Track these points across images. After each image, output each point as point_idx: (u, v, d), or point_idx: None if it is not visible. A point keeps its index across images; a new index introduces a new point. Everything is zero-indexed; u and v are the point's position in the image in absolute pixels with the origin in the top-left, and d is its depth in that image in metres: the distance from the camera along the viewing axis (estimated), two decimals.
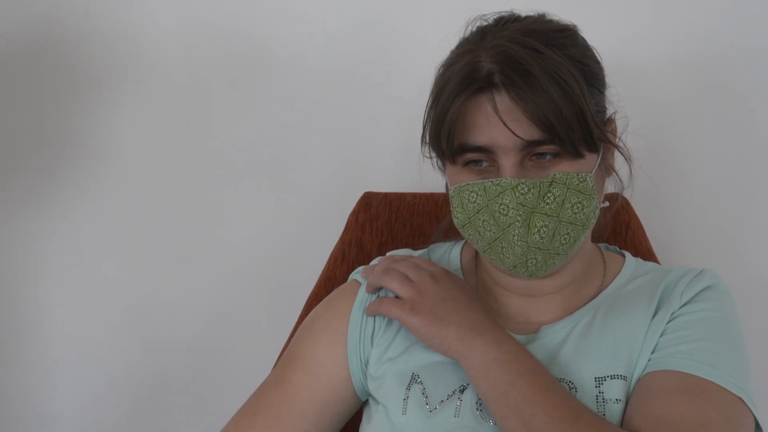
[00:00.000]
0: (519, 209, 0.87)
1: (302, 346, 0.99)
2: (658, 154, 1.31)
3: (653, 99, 1.31)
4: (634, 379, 0.88)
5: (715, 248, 1.33)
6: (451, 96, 0.86)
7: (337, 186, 1.38)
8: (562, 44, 0.87)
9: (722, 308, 0.91)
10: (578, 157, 0.87)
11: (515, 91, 0.83)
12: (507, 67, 0.84)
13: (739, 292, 0.94)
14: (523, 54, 0.84)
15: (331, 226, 1.31)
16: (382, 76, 1.35)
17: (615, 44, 1.08)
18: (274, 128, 1.39)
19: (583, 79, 0.86)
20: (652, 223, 1.21)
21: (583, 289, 0.97)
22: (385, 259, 0.99)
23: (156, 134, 1.42)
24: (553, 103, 0.83)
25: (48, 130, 1.38)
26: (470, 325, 0.88)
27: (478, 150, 0.88)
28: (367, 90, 1.36)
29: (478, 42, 0.89)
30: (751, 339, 0.92)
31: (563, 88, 0.84)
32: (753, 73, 1.30)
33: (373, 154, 1.37)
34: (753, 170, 1.33)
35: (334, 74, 1.36)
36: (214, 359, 1.29)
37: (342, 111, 1.37)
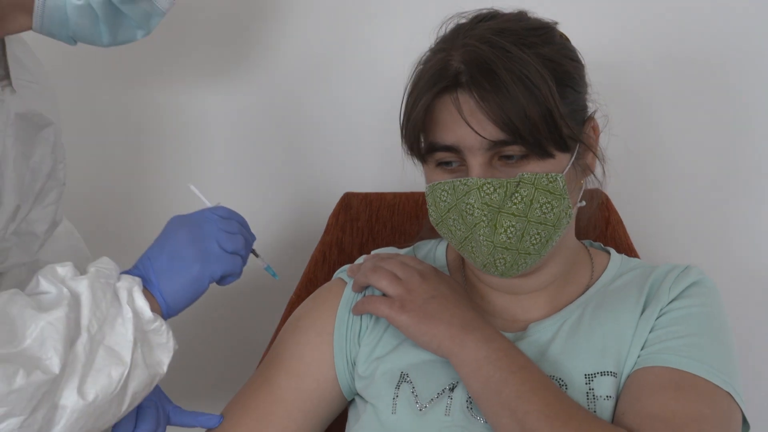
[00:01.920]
0: (484, 209, 0.86)
1: (287, 346, 0.98)
2: (639, 150, 1.31)
3: (635, 96, 1.32)
4: (624, 375, 0.87)
5: (695, 243, 1.34)
6: (421, 94, 0.87)
7: (317, 187, 1.37)
8: (534, 43, 0.86)
9: (709, 304, 0.91)
10: (547, 157, 0.86)
11: (480, 91, 0.83)
12: (473, 68, 0.84)
13: (719, 285, 0.95)
14: (490, 54, 0.84)
15: (312, 228, 1.30)
16: (362, 74, 1.35)
17: (596, 42, 1.09)
18: (251, 128, 1.38)
19: (554, 78, 0.85)
20: (633, 219, 1.21)
21: (568, 286, 0.96)
22: (372, 258, 0.98)
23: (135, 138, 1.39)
24: (518, 104, 0.82)
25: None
26: (460, 323, 0.87)
27: (447, 149, 0.87)
28: (347, 89, 1.36)
29: (450, 41, 0.89)
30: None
31: (529, 88, 0.83)
32: (735, 70, 1.31)
33: (353, 155, 1.37)
34: (732, 166, 1.34)
35: (312, 73, 1.36)
36: (194, 361, 1.27)
37: (321, 111, 1.37)
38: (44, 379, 0.72)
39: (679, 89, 1.33)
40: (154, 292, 0.85)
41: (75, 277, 0.80)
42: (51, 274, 0.80)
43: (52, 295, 0.79)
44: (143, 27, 0.92)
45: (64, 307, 0.76)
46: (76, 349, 0.76)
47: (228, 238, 0.89)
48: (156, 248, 0.87)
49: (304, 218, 1.37)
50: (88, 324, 0.77)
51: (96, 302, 0.78)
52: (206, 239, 0.88)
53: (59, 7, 0.86)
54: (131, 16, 0.89)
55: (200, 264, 0.86)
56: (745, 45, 1.30)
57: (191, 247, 0.86)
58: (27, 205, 1.01)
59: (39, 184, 1.01)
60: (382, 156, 1.32)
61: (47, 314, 0.75)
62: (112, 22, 0.89)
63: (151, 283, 0.85)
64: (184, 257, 0.86)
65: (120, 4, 0.87)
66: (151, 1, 0.89)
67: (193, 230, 0.88)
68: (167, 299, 0.85)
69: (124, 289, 0.81)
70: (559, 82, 0.86)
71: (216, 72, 1.36)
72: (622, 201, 1.18)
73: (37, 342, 0.74)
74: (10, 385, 0.70)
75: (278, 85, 1.35)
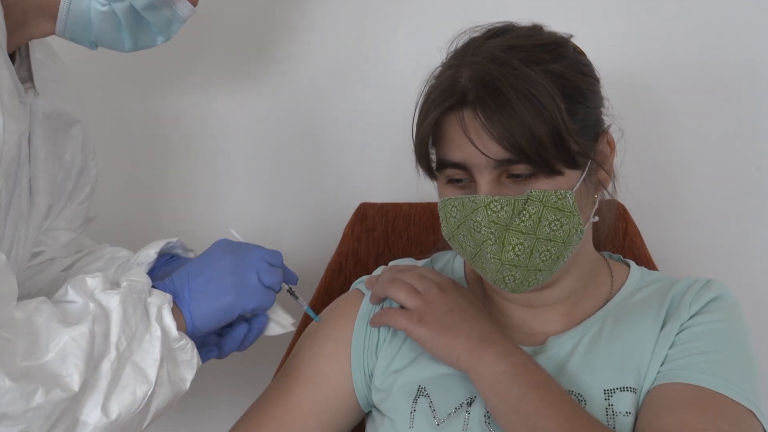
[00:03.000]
0: (491, 227, 0.85)
1: (305, 356, 0.98)
2: (657, 162, 1.31)
3: (653, 108, 1.32)
4: (643, 391, 0.86)
5: (713, 255, 1.34)
6: (429, 111, 0.87)
7: (333, 197, 1.37)
8: (543, 59, 0.85)
9: (731, 319, 0.89)
10: (555, 174, 0.84)
11: (485, 110, 0.83)
12: (480, 86, 0.84)
13: (738, 297, 0.94)
14: (497, 72, 0.83)
15: (328, 238, 1.30)
16: (378, 86, 1.35)
17: (613, 55, 1.11)
18: (268, 138, 1.38)
19: (563, 95, 0.84)
20: (650, 230, 1.21)
21: (587, 298, 0.95)
22: (390, 269, 0.98)
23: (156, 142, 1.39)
24: (523, 123, 0.82)
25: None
26: (479, 336, 0.86)
27: (455, 166, 0.87)
28: (363, 100, 1.36)
29: (461, 56, 0.89)
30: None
31: (536, 106, 0.82)
32: (753, 83, 1.32)
33: (369, 165, 1.37)
34: (751, 177, 1.34)
35: (329, 84, 1.36)
36: (212, 369, 1.26)
37: (337, 121, 1.37)
38: (63, 396, 0.72)
39: (697, 101, 1.32)
40: (184, 309, 0.85)
41: (106, 291, 0.79)
42: (80, 285, 0.79)
43: (77, 306, 0.78)
44: (164, 33, 0.92)
45: (88, 322, 0.75)
46: (103, 366, 0.76)
47: (269, 270, 0.88)
48: (197, 267, 0.86)
49: (320, 228, 1.38)
50: (117, 341, 0.77)
51: (126, 319, 0.78)
52: (248, 269, 0.87)
53: (83, 12, 0.86)
54: (153, 22, 0.89)
55: (236, 295, 0.86)
56: (765, 56, 1.30)
57: (231, 275, 0.86)
58: (60, 203, 1.01)
59: (71, 183, 1.02)
60: (398, 166, 1.26)
61: (71, 329, 0.74)
62: (134, 28, 0.89)
63: (184, 300, 0.85)
64: (223, 284, 0.86)
65: (142, 10, 0.87)
66: (172, 8, 0.89)
67: (238, 258, 0.87)
68: (195, 320, 0.85)
69: (155, 306, 0.81)
70: (569, 98, 0.84)
71: (234, 81, 1.36)
72: (640, 212, 1.17)
73: (59, 357, 0.73)
74: (28, 403, 0.69)
75: (296, 96, 1.36)
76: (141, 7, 0.86)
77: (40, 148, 0.93)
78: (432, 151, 0.90)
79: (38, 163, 0.93)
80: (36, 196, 0.94)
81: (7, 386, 0.68)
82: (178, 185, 1.39)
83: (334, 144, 1.36)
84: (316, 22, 1.33)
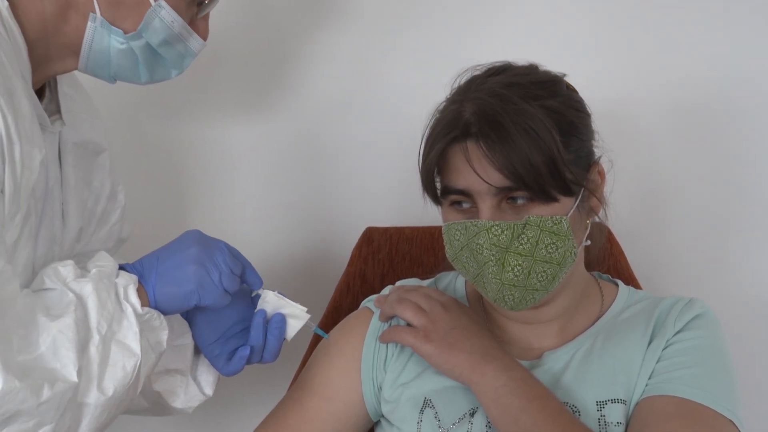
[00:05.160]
0: (492, 249, 0.85)
1: (318, 371, 0.97)
2: (641, 190, 1.31)
3: (639, 140, 1.33)
4: (632, 402, 0.87)
5: (691, 273, 1.35)
6: (435, 142, 0.88)
7: (341, 222, 1.37)
8: (540, 96, 0.86)
9: (712, 336, 0.90)
10: (551, 201, 0.85)
11: (487, 142, 0.84)
12: (482, 119, 0.84)
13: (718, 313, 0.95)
14: (498, 107, 0.84)
15: (336, 260, 1.30)
16: (383, 119, 1.35)
17: (603, 91, 1.08)
18: (280, 167, 1.38)
19: (558, 128, 0.85)
20: (633, 251, 1.21)
21: (579, 316, 0.95)
22: (397, 289, 0.98)
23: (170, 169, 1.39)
24: (522, 153, 0.82)
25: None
26: (480, 352, 0.87)
27: (459, 192, 0.88)
28: (368, 132, 1.36)
29: (464, 92, 0.90)
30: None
31: (533, 139, 0.83)
32: (730, 116, 1.33)
33: (374, 192, 1.36)
34: (727, 205, 1.34)
35: (337, 116, 1.36)
36: (229, 382, 1.25)
37: (344, 152, 1.37)
38: (66, 387, 0.74)
39: (679, 133, 1.33)
40: (148, 290, 0.84)
41: (78, 279, 0.80)
42: (54, 274, 0.80)
43: (56, 294, 0.78)
44: (177, 67, 0.93)
45: (71, 313, 0.76)
46: (90, 351, 0.76)
47: (229, 277, 0.87)
48: (166, 253, 0.86)
49: (330, 251, 1.37)
50: (97, 325, 0.77)
51: (102, 303, 0.78)
52: (210, 267, 0.86)
53: (103, 50, 0.87)
54: (167, 57, 0.91)
55: (195, 286, 0.85)
56: (741, 93, 1.32)
57: (194, 266, 0.85)
58: (91, 226, 1.02)
59: (101, 207, 1.03)
60: (400, 193, 1.32)
61: (56, 322, 0.75)
62: (150, 63, 0.91)
63: (150, 282, 0.84)
64: (185, 273, 0.84)
65: (157, 47, 0.89)
66: (184, 44, 0.90)
67: (205, 252, 0.86)
68: (158, 301, 0.84)
69: (122, 286, 0.81)
70: (564, 131, 0.85)
71: (246, 111, 1.36)
72: (624, 234, 1.17)
73: (50, 351, 0.74)
74: (38, 398, 0.70)
75: (305, 126, 1.36)
76: (156, 44, 0.88)
77: (71, 174, 0.95)
78: (437, 178, 0.91)
79: (69, 189, 0.94)
80: (68, 220, 0.94)
81: (18, 386, 0.69)
82: (196, 207, 1.38)
83: (341, 172, 1.36)
84: (323, 55, 1.34)
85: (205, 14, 0.93)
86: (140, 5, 0.86)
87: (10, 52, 0.79)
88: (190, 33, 0.90)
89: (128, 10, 0.86)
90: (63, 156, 0.93)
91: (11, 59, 0.78)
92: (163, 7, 0.86)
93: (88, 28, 0.85)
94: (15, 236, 0.81)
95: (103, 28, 0.86)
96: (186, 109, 1.35)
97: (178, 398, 0.93)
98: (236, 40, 1.33)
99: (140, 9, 0.86)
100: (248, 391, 1.35)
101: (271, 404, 0.98)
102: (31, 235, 0.85)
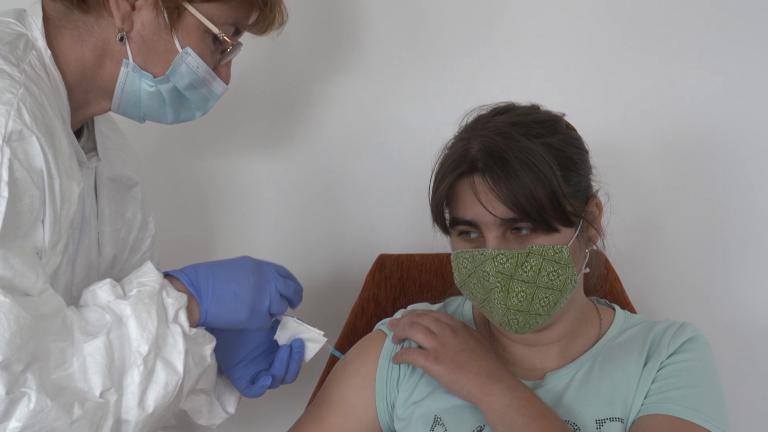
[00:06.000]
0: (498, 276, 0.86)
1: (335, 389, 0.98)
2: (635, 220, 1.32)
3: (633, 174, 1.33)
4: (629, 421, 0.88)
5: (681, 299, 1.35)
6: (445, 176, 0.89)
7: (356, 249, 1.37)
8: (541, 134, 0.88)
9: (703, 358, 0.91)
10: (552, 231, 0.86)
11: (493, 176, 0.85)
12: (488, 156, 0.86)
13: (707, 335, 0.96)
14: (503, 144, 0.86)
15: (351, 285, 1.30)
16: (395, 155, 1.35)
17: (600, 129, 1.09)
18: (299, 198, 1.38)
19: (559, 164, 0.86)
20: (628, 277, 1.22)
21: (579, 339, 0.96)
22: (409, 313, 0.99)
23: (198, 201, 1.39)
24: (525, 187, 0.84)
25: None
26: (487, 373, 0.88)
27: (467, 223, 0.89)
28: (381, 167, 1.36)
29: (471, 130, 0.91)
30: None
31: (536, 173, 0.84)
32: (718, 152, 1.33)
33: (386, 223, 1.37)
34: (715, 233, 1.36)
35: (352, 151, 1.37)
36: (255, 401, 1.26)
37: (359, 186, 1.37)
38: (95, 405, 0.75)
39: (671, 169, 1.34)
40: (202, 308, 0.85)
41: (117, 300, 0.80)
42: (92, 297, 0.81)
43: (95, 313, 0.79)
44: (201, 109, 0.96)
45: (103, 336, 0.77)
46: (132, 371, 0.77)
47: (278, 302, 0.89)
48: (225, 274, 0.87)
49: (345, 276, 1.36)
50: (137, 346, 0.78)
51: (141, 324, 0.79)
52: (264, 296, 0.88)
53: (134, 92, 0.90)
54: (192, 100, 0.93)
55: (248, 315, 0.87)
56: (727, 127, 1.32)
57: (251, 297, 0.87)
58: (125, 253, 1.04)
59: (133, 235, 1.05)
60: (411, 223, 1.32)
61: (88, 344, 0.76)
62: (176, 104, 0.93)
63: (205, 300, 0.85)
64: (242, 302, 0.86)
65: (184, 90, 0.91)
66: (209, 87, 0.93)
67: (262, 281, 0.88)
68: (208, 319, 0.86)
69: (173, 308, 0.82)
70: (564, 167, 0.87)
71: (266, 147, 1.36)
72: (620, 262, 1.18)
73: (80, 371, 0.75)
74: (70, 416, 0.72)
75: (323, 161, 1.36)
76: (182, 88, 0.91)
77: (106, 206, 0.97)
78: (446, 210, 0.92)
79: (104, 219, 0.97)
80: (103, 248, 0.97)
81: (49, 405, 0.70)
82: (220, 236, 1.38)
83: (356, 204, 1.37)
84: (341, 96, 1.34)
85: (228, 61, 0.95)
86: (169, 52, 0.89)
87: (52, 96, 0.82)
88: (214, 78, 0.92)
89: (158, 57, 0.88)
90: (99, 189, 0.96)
91: (52, 103, 0.81)
92: (190, 54, 0.89)
93: (122, 73, 0.88)
94: (56, 264, 0.83)
95: (135, 73, 0.88)
96: (212, 146, 1.36)
97: (202, 416, 0.94)
98: (258, 82, 1.33)
99: (169, 56, 0.89)
100: (269, 407, 1.35)
101: (291, 421, 0.99)
102: (69, 262, 0.88)
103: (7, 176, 0.72)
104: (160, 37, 0.88)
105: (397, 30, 1.33)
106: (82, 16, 0.87)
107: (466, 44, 1.32)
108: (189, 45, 0.88)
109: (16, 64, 0.79)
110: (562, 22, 1.31)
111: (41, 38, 0.84)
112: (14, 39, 0.82)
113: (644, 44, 1.31)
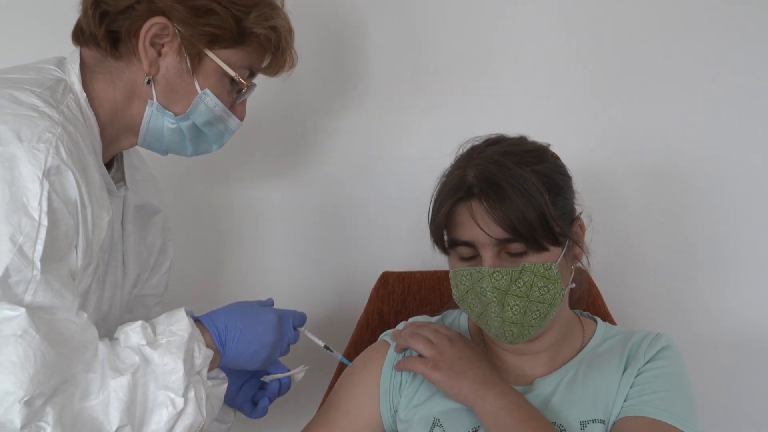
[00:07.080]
0: (494, 292, 0.89)
1: (343, 393, 1.00)
2: (614, 240, 1.34)
3: (612, 198, 1.36)
4: (610, 422, 0.91)
5: (656, 311, 1.37)
6: (443, 201, 0.92)
7: (361, 267, 1.39)
8: (530, 162, 0.91)
9: (676, 365, 0.94)
10: (542, 250, 0.89)
11: (488, 201, 0.88)
12: (483, 182, 0.88)
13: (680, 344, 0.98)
14: (497, 172, 0.88)
15: (357, 300, 1.31)
16: (396, 180, 1.38)
17: (581, 157, 1.11)
18: (307, 221, 1.39)
19: (547, 189, 0.89)
20: (608, 291, 1.23)
21: (565, 348, 0.99)
22: (410, 325, 1.01)
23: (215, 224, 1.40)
24: (519, 210, 0.86)
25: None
26: (481, 379, 0.90)
27: (465, 244, 0.91)
28: (384, 191, 1.38)
29: (466, 159, 0.94)
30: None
31: (527, 198, 0.87)
32: (687, 176, 1.36)
33: (389, 243, 1.38)
34: (685, 251, 1.37)
35: (354, 179, 1.38)
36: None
37: (363, 209, 1.39)
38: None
39: (646, 194, 1.36)
40: (223, 358, 0.88)
41: (148, 348, 0.82)
42: (124, 339, 0.83)
43: (127, 353, 0.81)
44: (218, 142, 0.99)
45: (129, 375, 0.79)
46: (160, 411, 0.79)
47: (284, 350, 0.94)
48: (250, 335, 0.89)
49: (352, 292, 1.38)
50: (165, 390, 0.81)
51: (167, 372, 0.81)
52: (276, 351, 0.92)
53: (158, 128, 0.93)
54: (209, 134, 0.96)
55: (258, 366, 0.92)
56: (702, 154, 1.34)
57: (266, 354, 0.91)
58: (146, 273, 1.07)
59: (153, 258, 1.08)
60: (412, 243, 1.34)
61: (115, 381, 0.78)
62: (195, 139, 0.96)
63: (227, 353, 0.88)
64: (259, 356, 0.91)
65: (202, 126, 0.95)
66: (225, 123, 0.96)
67: (277, 342, 0.92)
68: (225, 365, 0.90)
69: (198, 362, 0.84)
70: (551, 192, 0.90)
71: (276, 176, 1.38)
72: (601, 277, 1.21)
73: (102, 404, 0.77)
74: None
75: (330, 188, 1.38)
76: (201, 124, 0.94)
77: (131, 231, 1.01)
78: (445, 232, 0.94)
79: (129, 243, 1.01)
80: (128, 268, 1.01)
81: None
82: (235, 257, 1.40)
83: (362, 226, 1.38)
84: (346, 128, 1.36)
85: (243, 99, 0.98)
86: (189, 93, 0.91)
87: (86, 134, 0.86)
88: (230, 115, 0.95)
89: (180, 97, 0.91)
90: (125, 215, 1.00)
91: (86, 140, 0.85)
92: (208, 95, 0.91)
93: (147, 112, 0.91)
94: (87, 284, 0.86)
95: (159, 112, 0.91)
96: (228, 174, 1.37)
97: None
98: (270, 116, 1.35)
99: (189, 96, 0.92)
100: (281, 412, 1.32)
101: (303, 422, 1.01)
102: (99, 282, 0.91)
103: (47, 207, 0.76)
104: (183, 80, 0.90)
105: (397, 69, 1.35)
106: (115, 62, 0.90)
107: (459, 82, 1.34)
108: (208, 87, 0.91)
109: (56, 106, 0.83)
110: (546, 63, 1.34)
111: (78, 83, 0.88)
112: (54, 84, 0.86)
113: (620, 83, 1.33)
